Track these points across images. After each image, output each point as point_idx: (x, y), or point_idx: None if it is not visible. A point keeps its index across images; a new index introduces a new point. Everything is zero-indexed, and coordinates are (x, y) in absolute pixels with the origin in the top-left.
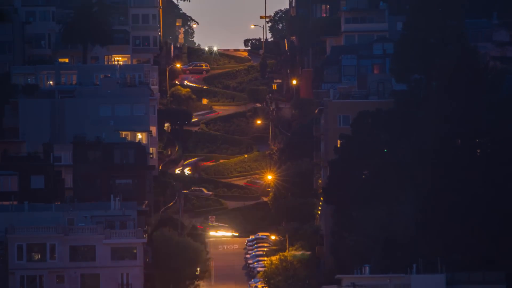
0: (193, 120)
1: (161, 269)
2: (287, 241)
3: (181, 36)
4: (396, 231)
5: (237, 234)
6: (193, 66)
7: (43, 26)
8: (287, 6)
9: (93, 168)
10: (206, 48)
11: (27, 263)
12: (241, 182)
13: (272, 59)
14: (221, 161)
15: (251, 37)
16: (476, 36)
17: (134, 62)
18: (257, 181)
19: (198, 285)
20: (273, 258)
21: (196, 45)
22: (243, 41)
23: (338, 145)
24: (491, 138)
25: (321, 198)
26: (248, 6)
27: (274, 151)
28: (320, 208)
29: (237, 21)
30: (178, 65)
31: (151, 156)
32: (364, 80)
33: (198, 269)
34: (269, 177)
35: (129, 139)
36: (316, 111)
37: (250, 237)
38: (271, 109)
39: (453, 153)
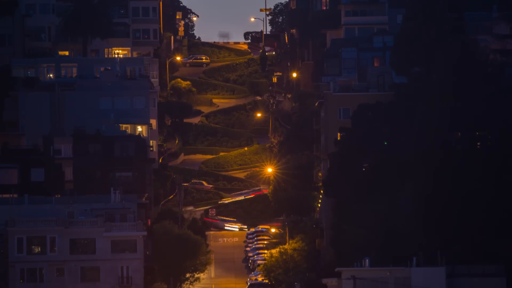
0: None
1: (161, 262)
2: (287, 234)
3: (181, 29)
4: (396, 223)
5: (245, 227)
6: (193, 59)
7: (43, 19)
8: None
9: (93, 161)
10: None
11: (27, 256)
12: (241, 175)
13: (272, 52)
14: (221, 154)
15: (251, 30)
16: (476, 29)
17: (134, 55)
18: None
19: (198, 277)
20: (273, 251)
21: (196, 38)
22: (243, 34)
23: (338, 138)
24: (491, 130)
25: (321, 191)
26: None
27: (274, 144)
28: (320, 200)
29: (237, 14)
30: (178, 58)
31: (151, 149)
32: (364, 73)
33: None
34: (269, 170)
35: (129, 132)
36: (316, 104)
37: (250, 230)
38: (272, 102)
39: (453, 146)
